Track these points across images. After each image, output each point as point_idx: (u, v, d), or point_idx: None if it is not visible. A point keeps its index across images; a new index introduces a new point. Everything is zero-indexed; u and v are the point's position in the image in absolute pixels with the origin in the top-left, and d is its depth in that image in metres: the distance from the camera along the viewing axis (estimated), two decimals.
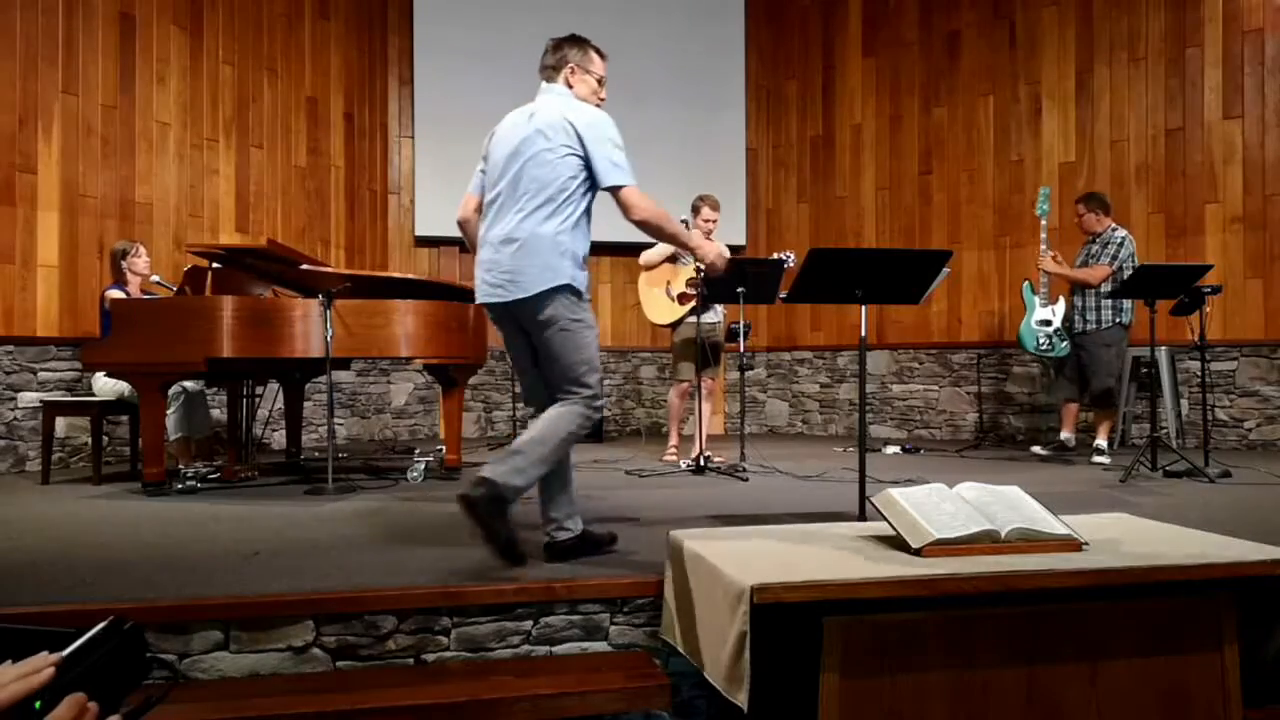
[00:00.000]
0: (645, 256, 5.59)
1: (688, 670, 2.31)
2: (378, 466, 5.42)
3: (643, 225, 2.84)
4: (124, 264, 5.02)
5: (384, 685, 2.24)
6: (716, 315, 5.59)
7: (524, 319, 2.81)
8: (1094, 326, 5.61)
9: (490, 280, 2.81)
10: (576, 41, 3.03)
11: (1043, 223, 5.90)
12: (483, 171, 3.01)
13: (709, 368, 5.36)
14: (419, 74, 7.93)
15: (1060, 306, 5.75)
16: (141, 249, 5.11)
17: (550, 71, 3.00)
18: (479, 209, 3.02)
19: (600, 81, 3.02)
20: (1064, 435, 5.95)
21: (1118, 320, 5.55)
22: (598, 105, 2.96)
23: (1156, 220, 6.72)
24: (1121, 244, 5.56)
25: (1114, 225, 5.70)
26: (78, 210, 5.51)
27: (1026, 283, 5.93)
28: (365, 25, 7.78)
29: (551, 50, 3.02)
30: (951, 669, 2.10)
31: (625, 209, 2.80)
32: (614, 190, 2.79)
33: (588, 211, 2.86)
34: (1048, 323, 5.72)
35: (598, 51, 3.05)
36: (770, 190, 8.58)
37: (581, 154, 2.78)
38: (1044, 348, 5.74)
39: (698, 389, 5.32)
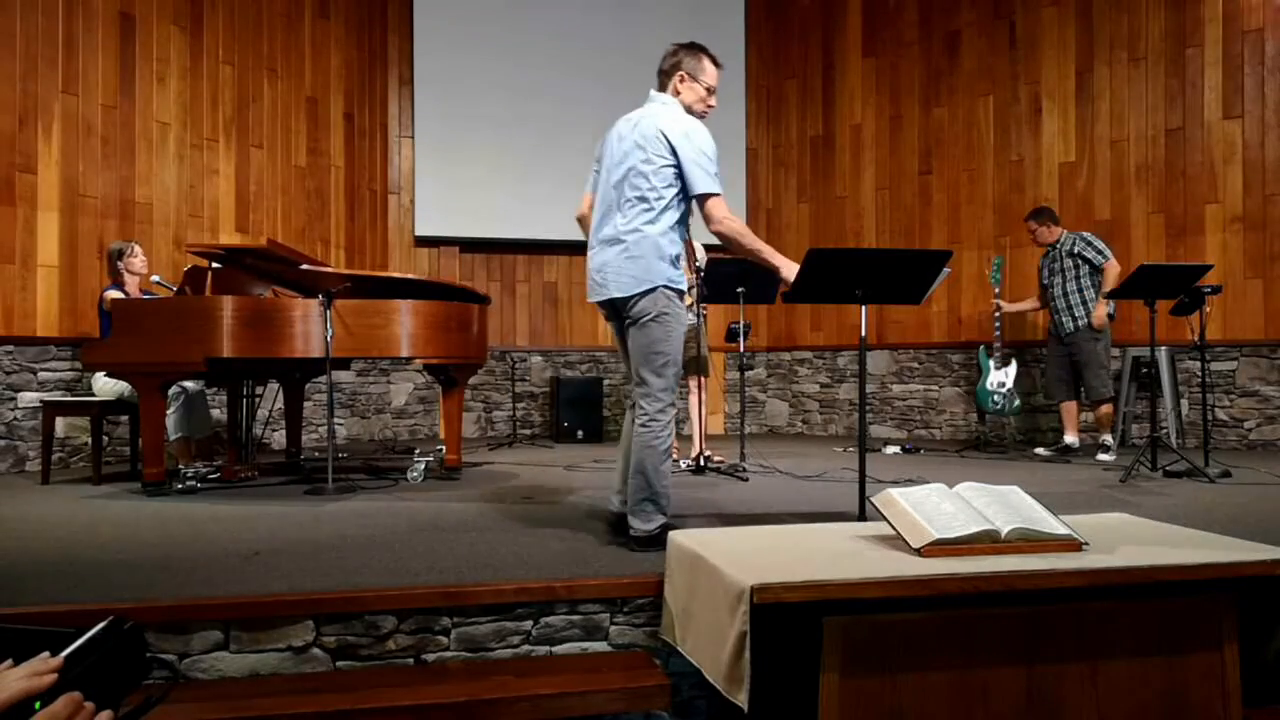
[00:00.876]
0: None
1: (688, 670, 2.31)
2: (378, 466, 5.42)
3: (721, 237, 2.97)
4: (120, 264, 5.02)
5: (384, 685, 2.24)
6: (693, 318, 5.38)
7: (624, 312, 3.01)
8: (1085, 322, 5.84)
9: (598, 280, 3.05)
10: (693, 49, 3.12)
11: (996, 290, 6.46)
12: (596, 172, 3.20)
13: (699, 371, 5.34)
14: (419, 74, 7.93)
15: (1012, 369, 6.35)
16: (138, 248, 5.10)
17: (663, 77, 3.13)
18: (593, 206, 3.22)
19: (710, 90, 3.12)
20: (1068, 439, 6.00)
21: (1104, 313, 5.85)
22: (705, 111, 3.10)
23: (1156, 220, 6.72)
24: (1092, 241, 5.94)
25: (1064, 231, 6.08)
26: (78, 210, 5.51)
27: (982, 347, 6.51)
28: (365, 25, 7.78)
29: (669, 55, 3.13)
30: (951, 669, 2.10)
31: (707, 219, 2.96)
32: (701, 199, 2.94)
33: (683, 217, 3.03)
34: (1002, 384, 6.32)
35: (713, 60, 3.14)
36: (770, 190, 8.58)
37: (675, 164, 2.92)
38: (999, 407, 6.32)
39: (699, 388, 5.32)
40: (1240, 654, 2.22)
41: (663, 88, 3.12)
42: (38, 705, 0.87)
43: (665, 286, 2.93)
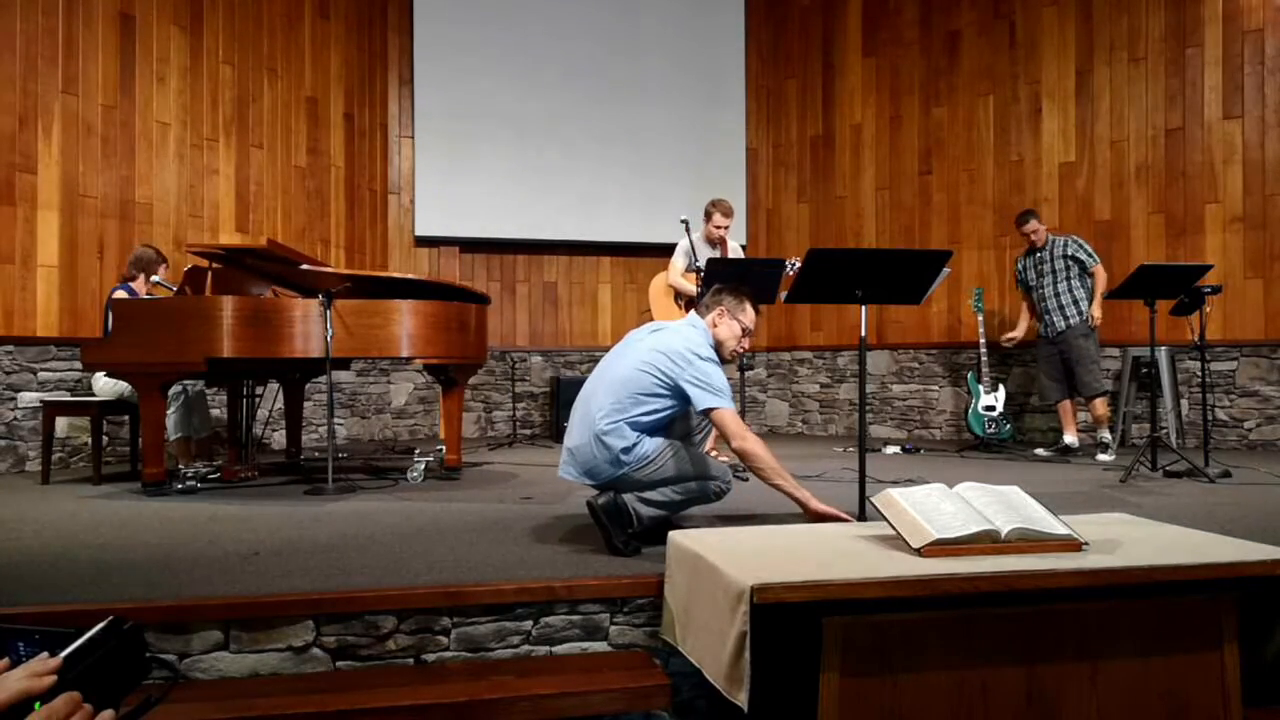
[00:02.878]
0: (675, 280, 5.50)
1: (688, 670, 2.31)
2: (378, 466, 5.42)
3: (741, 454, 2.99)
4: (146, 268, 5.01)
5: (384, 685, 2.24)
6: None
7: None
8: (1077, 320, 5.96)
9: (565, 458, 3.17)
10: (737, 293, 3.26)
11: (979, 318, 6.62)
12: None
13: None
14: (419, 74, 7.93)
15: (1001, 393, 6.51)
16: (165, 264, 5.13)
17: (704, 309, 3.28)
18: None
19: (745, 331, 3.25)
20: (1068, 439, 6.02)
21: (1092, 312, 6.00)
22: (735, 350, 3.23)
23: (1156, 220, 6.72)
24: (1083, 244, 6.08)
25: (1048, 233, 6.27)
26: (78, 210, 5.51)
27: (970, 374, 6.70)
28: (365, 25, 7.78)
29: (713, 293, 3.29)
30: (951, 669, 2.10)
31: (721, 429, 3.01)
32: (709, 412, 3.01)
33: (654, 432, 3.09)
34: (991, 408, 6.48)
35: (754, 306, 3.30)
36: (770, 190, 8.58)
37: (672, 382, 3.02)
38: (991, 431, 6.45)
39: None
40: (1240, 654, 2.22)
41: (701, 316, 3.26)
42: (37, 705, 0.87)
43: (628, 474, 3.00)
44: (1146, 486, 4.48)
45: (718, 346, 3.18)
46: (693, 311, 3.32)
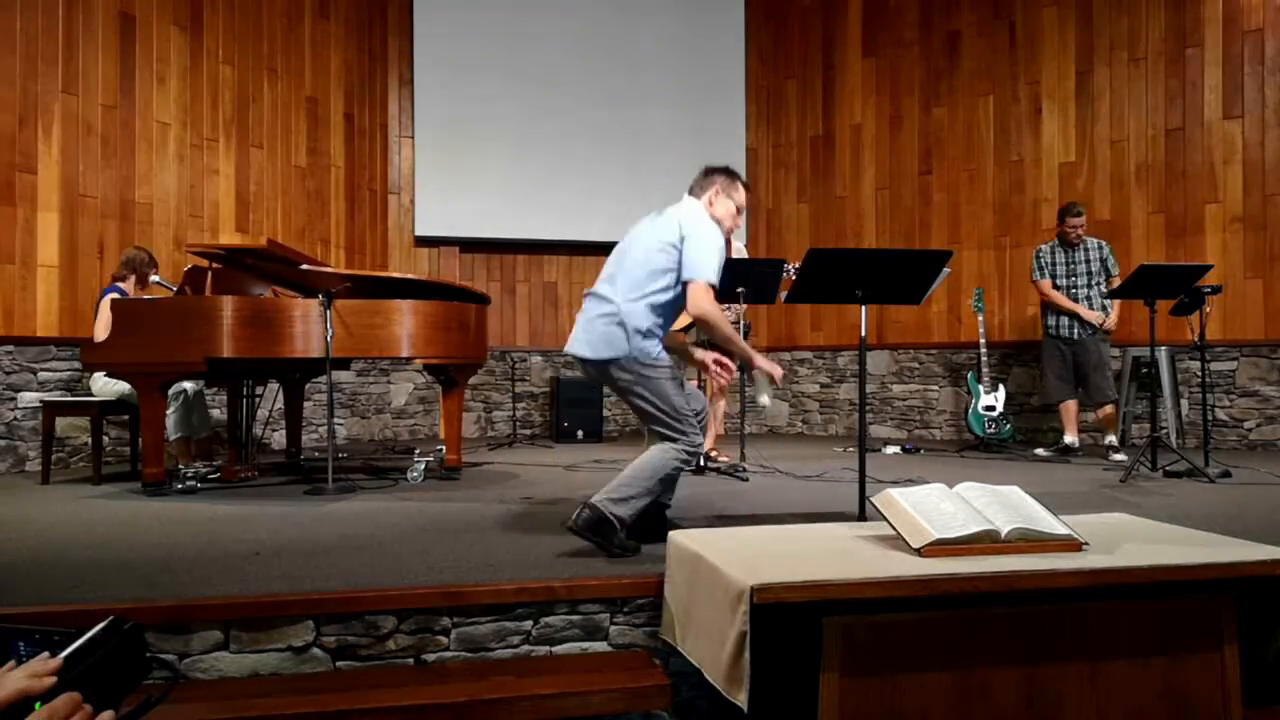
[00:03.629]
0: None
1: (688, 670, 2.31)
2: (378, 466, 5.42)
3: (700, 319, 3.03)
4: (140, 270, 5.01)
5: (384, 685, 2.24)
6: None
7: (595, 376, 3.16)
8: (1106, 323, 5.90)
9: (575, 336, 3.17)
10: (727, 172, 3.26)
11: (980, 318, 6.55)
12: None
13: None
14: (419, 74, 7.94)
15: (1001, 393, 6.48)
16: (155, 267, 5.14)
17: (698, 189, 3.26)
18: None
19: (739, 209, 3.25)
20: (1069, 439, 6.01)
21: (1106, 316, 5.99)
22: (732, 227, 3.22)
23: (1156, 220, 6.72)
24: (1112, 252, 6.03)
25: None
26: (78, 210, 5.51)
27: (970, 374, 6.66)
28: (365, 25, 7.78)
29: (702, 175, 3.27)
30: (952, 669, 2.10)
31: (689, 301, 3.02)
32: (689, 281, 3.02)
33: (674, 301, 3.08)
34: (991, 408, 6.45)
35: (745, 185, 3.30)
36: (770, 190, 8.58)
37: (680, 251, 3.03)
38: (991, 431, 6.42)
39: (703, 388, 5.32)
40: (1240, 654, 2.22)
41: (696, 197, 3.24)
42: (37, 705, 0.87)
43: (633, 358, 3.01)
44: (1146, 486, 4.49)
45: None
46: (687, 195, 3.27)
